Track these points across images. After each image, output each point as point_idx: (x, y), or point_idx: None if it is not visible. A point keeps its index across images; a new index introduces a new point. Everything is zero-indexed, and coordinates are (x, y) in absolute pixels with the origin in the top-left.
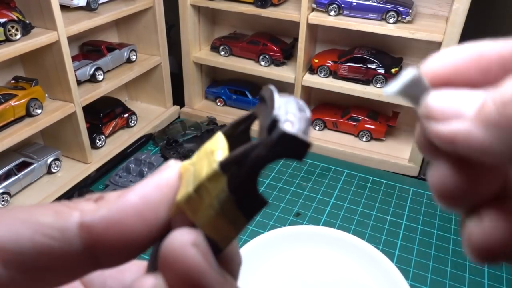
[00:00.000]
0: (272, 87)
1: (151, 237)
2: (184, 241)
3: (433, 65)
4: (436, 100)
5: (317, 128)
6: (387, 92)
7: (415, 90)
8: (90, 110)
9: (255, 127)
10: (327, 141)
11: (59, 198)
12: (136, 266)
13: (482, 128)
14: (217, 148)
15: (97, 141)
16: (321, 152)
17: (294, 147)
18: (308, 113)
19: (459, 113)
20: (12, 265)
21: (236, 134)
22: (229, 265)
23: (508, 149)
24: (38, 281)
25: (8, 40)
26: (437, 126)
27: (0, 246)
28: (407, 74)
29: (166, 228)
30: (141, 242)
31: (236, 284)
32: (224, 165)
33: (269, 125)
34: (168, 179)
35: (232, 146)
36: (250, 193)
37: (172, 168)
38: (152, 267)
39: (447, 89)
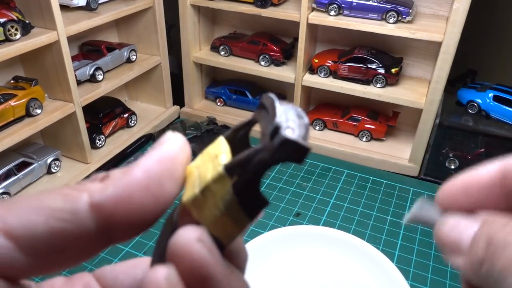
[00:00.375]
0: (273, 95)
1: (159, 209)
2: (190, 237)
3: (438, 195)
4: (441, 233)
5: (317, 128)
6: (404, 221)
7: (427, 217)
8: (90, 110)
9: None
10: (327, 141)
11: None
12: (147, 262)
13: (472, 267)
14: (220, 152)
15: (97, 141)
16: (321, 152)
17: (295, 152)
18: (306, 119)
19: (458, 247)
20: (30, 251)
21: (237, 139)
22: (235, 259)
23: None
24: (56, 262)
25: (7, 40)
26: (446, 255)
27: (16, 234)
28: (417, 205)
29: (172, 200)
30: (150, 215)
31: (242, 276)
32: (229, 169)
33: (272, 131)
34: (169, 152)
35: (233, 149)
36: (253, 194)
37: (171, 140)
38: (157, 262)
39: (452, 214)
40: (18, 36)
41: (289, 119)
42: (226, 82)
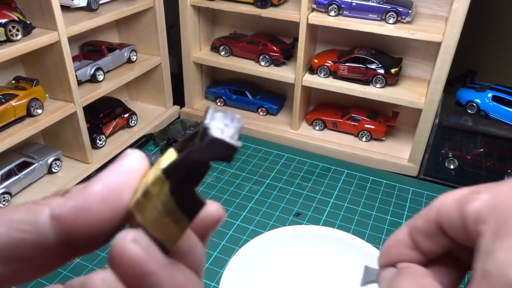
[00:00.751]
0: (211, 106)
1: (119, 220)
2: (124, 239)
3: (378, 258)
4: (378, 284)
5: (317, 128)
6: (360, 285)
7: (372, 277)
8: (91, 110)
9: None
10: (327, 141)
11: None
12: None
13: None
14: (165, 159)
15: (98, 141)
16: (321, 152)
17: (223, 151)
18: (239, 124)
19: None
20: None
21: (187, 149)
22: (186, 258)
23: None
24: (20, 272)
25: (9, 40)
26: None
27: None
28: (363, 271)
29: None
30: (109, 226)
31: (191, 274)
32: (166, 171)
33: (202, 133)
34: (127, 165)
35: None
36: (189, 195)
37: (131, 156)
38: None
39: (384, 269)
40: (19, 36)
41: (221, 122)
42: (226, 82)
